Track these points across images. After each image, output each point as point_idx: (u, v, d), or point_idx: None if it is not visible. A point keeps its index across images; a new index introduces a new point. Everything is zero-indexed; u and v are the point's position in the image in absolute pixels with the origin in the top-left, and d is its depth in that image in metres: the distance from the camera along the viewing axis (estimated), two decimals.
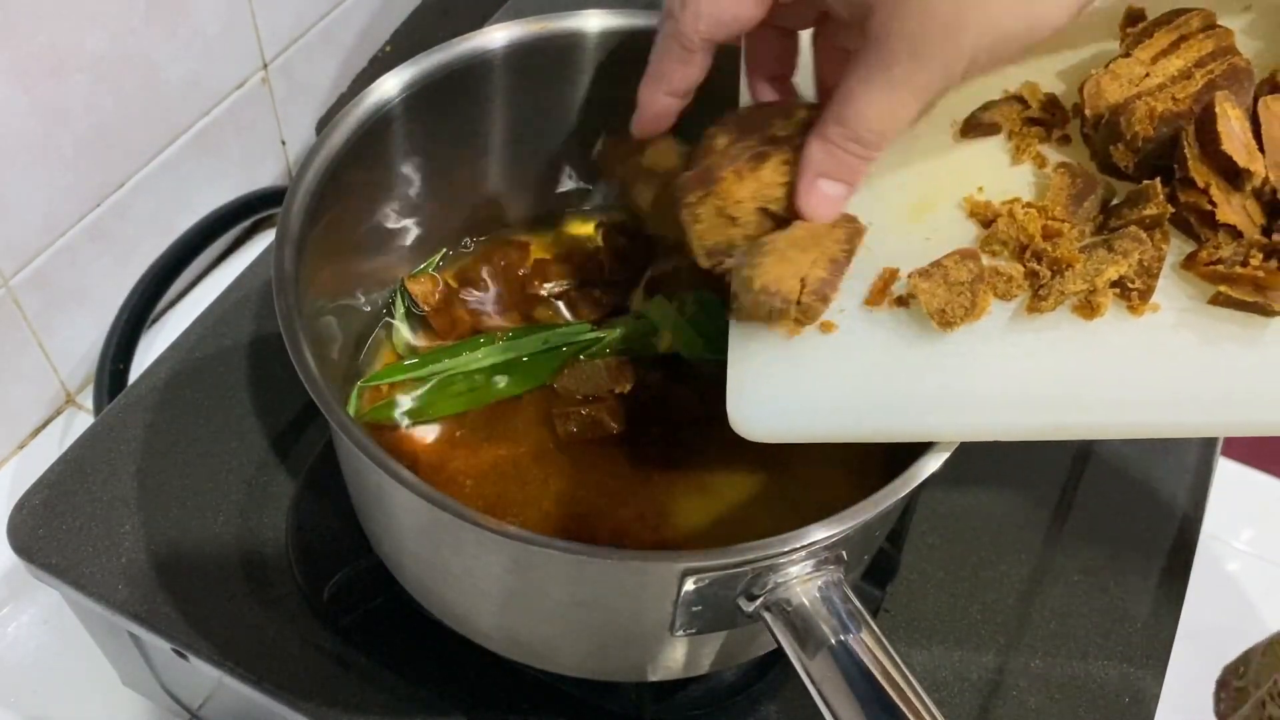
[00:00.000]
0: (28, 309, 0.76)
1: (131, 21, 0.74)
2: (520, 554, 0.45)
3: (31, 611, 0.77)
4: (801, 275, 0.47)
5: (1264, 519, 0.91)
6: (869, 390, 0.47)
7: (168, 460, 0.64)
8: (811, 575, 0.44)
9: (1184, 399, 0.43)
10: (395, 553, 0.55)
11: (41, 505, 0.61)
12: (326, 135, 0.54)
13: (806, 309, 0.47)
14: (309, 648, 0.58)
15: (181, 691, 0.69)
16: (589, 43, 0.60)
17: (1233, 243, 0.45)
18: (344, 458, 0.54)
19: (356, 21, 0.96)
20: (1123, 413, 0.44)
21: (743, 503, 0.56)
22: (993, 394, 0.45)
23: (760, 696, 0.59)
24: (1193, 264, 0.45)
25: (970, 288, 0.46)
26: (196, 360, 0.68)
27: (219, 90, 0.84)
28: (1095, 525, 0.67)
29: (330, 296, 0.57)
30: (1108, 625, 0.63)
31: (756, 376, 0.48)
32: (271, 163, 0.94)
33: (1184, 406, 0.43)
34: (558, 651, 0.53)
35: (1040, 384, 0.45)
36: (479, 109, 0.61)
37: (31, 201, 0.73)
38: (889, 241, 0.50)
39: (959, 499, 0.67)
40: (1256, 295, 0.43)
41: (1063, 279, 0.46)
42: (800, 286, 0.47)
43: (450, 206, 0.64)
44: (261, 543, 0.61)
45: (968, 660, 0.61)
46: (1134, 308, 0.45)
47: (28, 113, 0.69)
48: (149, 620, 0.58)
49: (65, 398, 0.84)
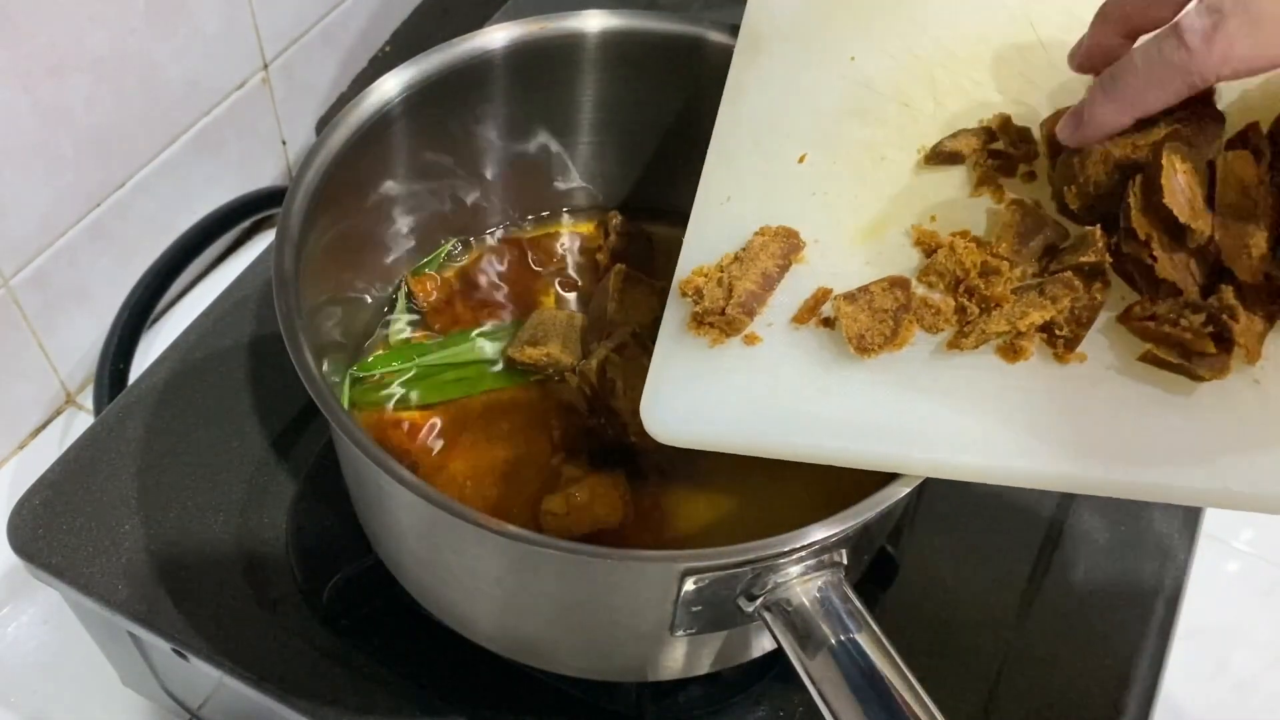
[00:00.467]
0: (28, 309, 0.76)
1: (131, 21, 0.74)
2: (520, 554, 0.45)
3: (31, 611, 0.77)
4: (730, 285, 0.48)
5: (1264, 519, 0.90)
6: (773, 406, 0.46)
7: (168, 460, 0.64)
8: (811, 575, 0.44)
9: (1083, 452, 0.42)
10: (395, 553, 0.55)
11: (41, 505, 0.61)
12: (326, 135, 0.54)
13: (730, 320, 0.48)
14: (309, 648, 0.58)
15: (181, 691, 0.69)
16: (589, 43, 0.60)
17: (1170, 300, 0.43)
18: (344, 458, 0.54)
19: (356, 21, 0.96)
20: (1019, 459, 0.43)
21: (743, 503, 0.56)
22: (893, 426, 0.44)
23: (760, 696, 0.59)
24: (1126, 318, 0.44)
25: (894, 316, 0.46)
26: (196, 360, 0.68)
27: (219, 90, 0.84)
28: (1095, 525, 0.67)
29: (330, 296, 0.57)
30: (1108, 625, 0.63)
31: (674, 380, 0.48)
32: (271, 163, 0.94)
33: (1083, 461, 0.42)
34: (558, 651, 0.53)
35: (943, 422, 0.44)
36: (479, 109, 0.61)
37: (31, 201, 0.73)
38: (832, 260, 0.49)
39: (959, 499, 0.66)
40: (1182, 358, 0.42)
41: (988, 318, 0.45)
42: (727, 296, 0.48)
43: (450, 205, 0.64)
44: (261, 543, 0.61)
45: (968, 660, 0.61)
46: (1060, 355, 0.44)
47: (28, 113, 0.69)
48: (149, 620, 0.58)
49: (65, 398, 0.84)
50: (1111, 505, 0.67)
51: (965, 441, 0.44)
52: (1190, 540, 0.67)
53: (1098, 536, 0.66)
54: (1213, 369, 0.42)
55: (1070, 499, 0.67)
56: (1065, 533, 0.66)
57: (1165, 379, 0.43)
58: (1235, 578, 0.88)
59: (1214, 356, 0.42)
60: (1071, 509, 0.67)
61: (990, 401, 0.44)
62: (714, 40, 0.59)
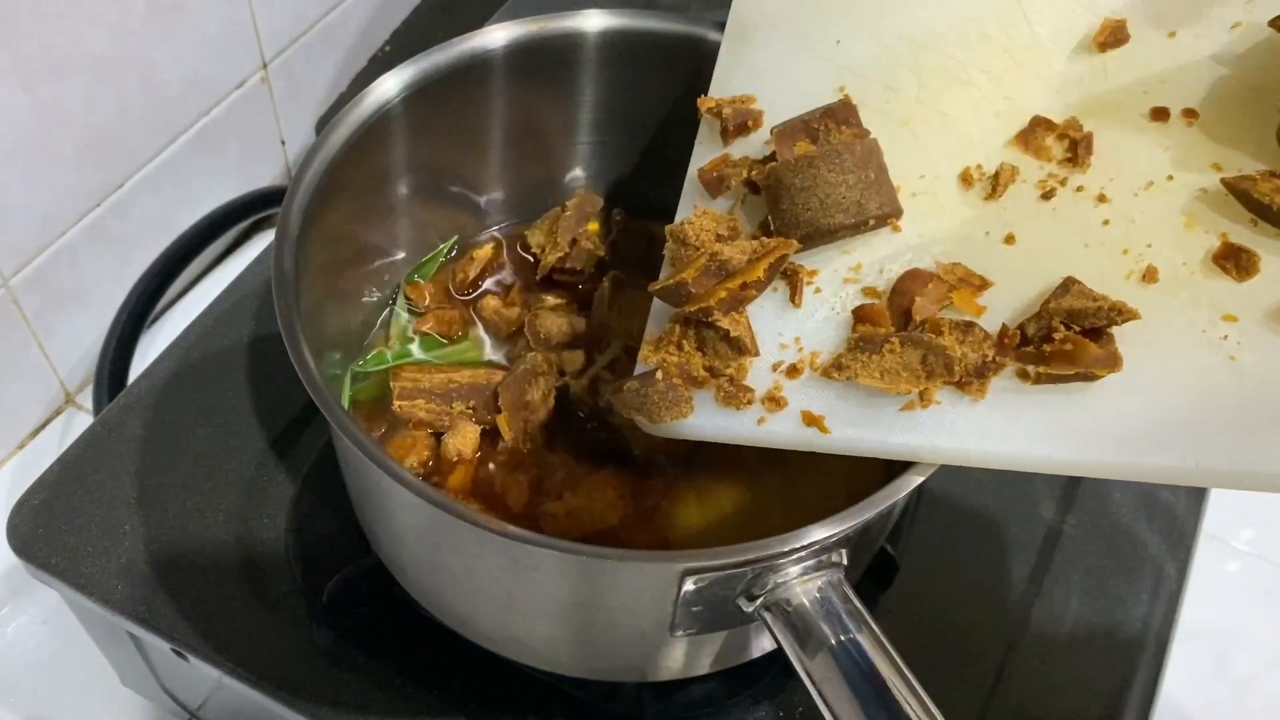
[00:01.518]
0: (28, 309, 0.76)
1: (131, 21, 0.74)
2: (520, 554, 0.45)
3: (31, 611, 0.77)
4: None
5: (1264, 519, 0.90)
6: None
7: (168, 460, 0.64)
8: (811, 575, 0.44)
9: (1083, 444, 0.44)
10: (395, 553, 0.55)
11: (41, 505, 0.61)
12: (326, 135, 0.54)
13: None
14: (309, 648, 0.58)
15: (181, 691, 0.69)
16: (589, 43, 0.60)
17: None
18: (344, 457, 0.54)
19: (356, 21, 0.96)
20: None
21: (743, 503, 0.56)
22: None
23: (760, 696, 0.59)
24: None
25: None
26: (196, 360, 0.68)
27: (218, 90, 0.84)
28: (1095, 525, 0.67)
29: (330, 295, 0.57)
30: (1107, 625, 0.63)
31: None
32: (271, 163, 0.94)
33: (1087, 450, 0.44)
34: (558, 652, 0.53)
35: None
36: (479, 109, 0.61)
37: (31, 201, 0.73)
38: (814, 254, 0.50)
39: (959, 499, 0.67)
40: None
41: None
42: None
43: (449, 205, 0.64)
44: (261, 543, 0.61)
45: (967, 660, 0.61)
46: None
47: (28, 113, 0.69)
48: (149, 620, 0.58)
49: (65, 398, 0.84)
50: (1111, 505, 0.67)
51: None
52: (1190, 540, 0.67)
53: (1097, 536, 0.66)
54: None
55: (1070, 499, 0.67)
56: (1065, 532, 0.66)
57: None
58: (1235, 578, 0.88)
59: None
60: (1071, 509, 0.67)
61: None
62: (714, 40, 0.59)
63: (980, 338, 0.45)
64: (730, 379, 0.48)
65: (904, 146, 0.51)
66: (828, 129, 0.50)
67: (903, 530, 0.64)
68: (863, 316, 0.47)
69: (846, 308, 0.48)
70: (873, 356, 0.45)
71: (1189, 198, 0.47)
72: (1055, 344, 0.44)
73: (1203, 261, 0.45)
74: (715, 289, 0.47)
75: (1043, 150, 0.50)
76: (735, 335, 0.47)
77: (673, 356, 0.49)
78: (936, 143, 0.51)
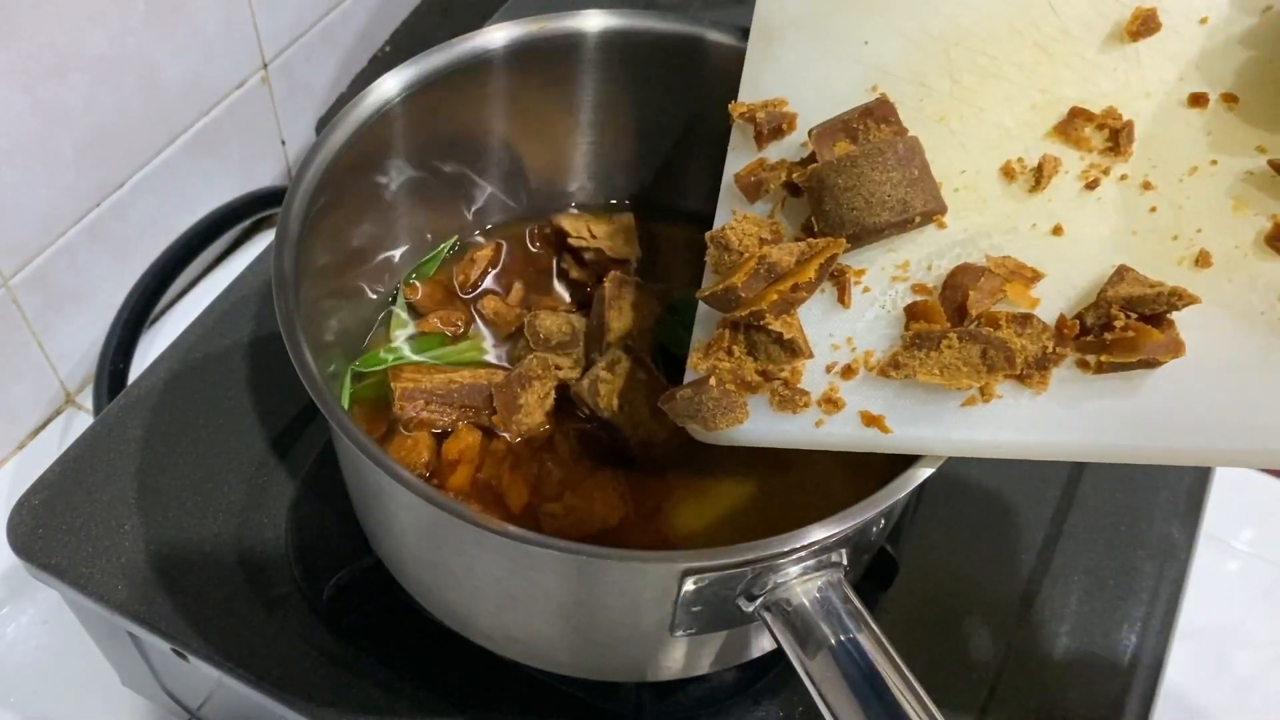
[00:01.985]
0: (28, 309, 0.76)
1: (131, 21, 0.74)
2: (520, 554, 0.45)
3: (31, 611, 0.77)
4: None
5: (1264, 519, 0.90)
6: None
7: (168, 460, 0.64)
8: (811, 575, 0.44)
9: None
10: (395, 553, 0.55)
11: (41, 505, 0.61)
12: (326, 135, 0.54)
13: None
14: (309, 648, 0.58)
15: (181, 691, 0.69)
16: (589, 43, 0.60)
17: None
18: (344, 458, 0.54)
19: (356, 21, 0.96)
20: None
21: (743, 503, 0.56)
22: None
23: (760, 696, 0.59)
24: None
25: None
26: (196, 360, 0.68)
27: (218, 90, 0.84)
28: (1095, 525, 0.67)
29: (330, 295, 0.57)
30: (1107, 625, 0.63)
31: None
32: (271, 163, 0.94)
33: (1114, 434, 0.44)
34: (558, 651, 0.53)
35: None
36: (479, 109, 0.61)
37: (31, 201, 0.73)
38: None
39: (959, 499, 0.67)
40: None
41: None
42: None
43: (449, 205, 0.64)
44: (261, 543, 0.61)
45: (968, 660, 0.61)
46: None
47: (28, 113, 0.69)
48: (149, 620, 0.58)
49: (65, 398, 0.84)
50: (1111, 504, 0.67)
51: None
52: (1190, 540, 0.67)
53: (1097, 536, 0.66)
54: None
55: (1069, 499, 0.67)
56: (1065, 532, 0.66)
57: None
58: (1235, 578, 0.88)
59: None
60: (1071, 509, 0.67)
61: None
62: (714, 40, 0.59)
63: (1039, 329, 0.45)
64: (785, 382, 0.47)
65: (942, 143, 0.51)
66: (867, 128, 0.50)
67: (903, 530, 0.64)
68: (915, 313, 0.47)
69: (897, 305, 0.48)
70: (930, 353, 0.45)
71: (1235, 181, 0.46)
72: (1116, 332, 0.44)
73: (1254, 243, 0.45)
74: (766, 292, 0.47)
75: (1083, 140, 0.49)
76: (789, 338, 0.47)
77: (724, 362, 0.48)
78: (974, 138, 0.51)
